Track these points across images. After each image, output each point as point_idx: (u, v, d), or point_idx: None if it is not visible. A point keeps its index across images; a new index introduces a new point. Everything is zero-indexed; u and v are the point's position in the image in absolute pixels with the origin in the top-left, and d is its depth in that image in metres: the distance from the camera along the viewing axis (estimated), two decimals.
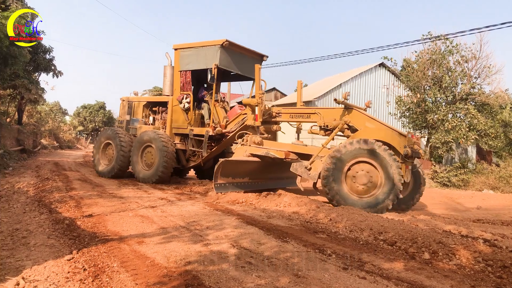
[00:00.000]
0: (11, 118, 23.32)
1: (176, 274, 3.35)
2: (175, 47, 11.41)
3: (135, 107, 12.85)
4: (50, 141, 33.80)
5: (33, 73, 23.27)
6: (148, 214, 6.05)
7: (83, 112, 59.45)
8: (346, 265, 3.81)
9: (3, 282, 3.11)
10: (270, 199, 7.67)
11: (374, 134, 7.79)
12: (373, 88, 29.06)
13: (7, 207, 6.85)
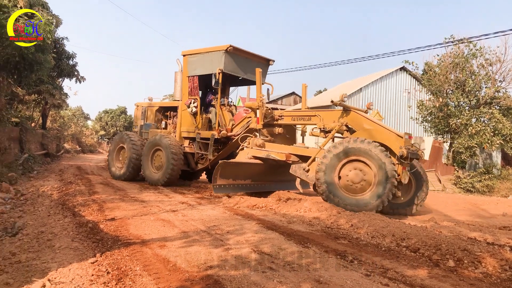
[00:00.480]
0: (36, 123, 23.87)
1: (198, 278, 3.36)
2: (184, 53, 11.71)
3: (148, 112, 13.25)
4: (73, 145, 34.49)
5: (57, 79, 23.81)
6: (169, 218, 6.09)
7: (105, 117, 60.38)
8: (368, 272, 3.76)
9: (30, 284, 3.18)
10: (290, 204, 7.65)
11: (371, 135, 7.81)
12: (394, 93, 28.73)
13: (32, 210, 7.01)
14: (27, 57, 11.58)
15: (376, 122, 8.17)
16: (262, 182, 9.80)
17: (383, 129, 7.93)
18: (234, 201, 8.05)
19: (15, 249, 4.43)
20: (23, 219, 6.28)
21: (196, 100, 11.36)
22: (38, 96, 21.92)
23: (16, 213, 6.85)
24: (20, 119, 18.15)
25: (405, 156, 7.25)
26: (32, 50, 11.45)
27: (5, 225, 5.90)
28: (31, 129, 19.41)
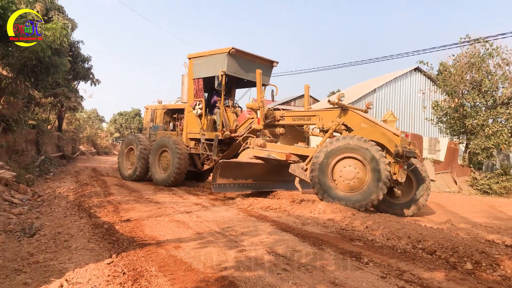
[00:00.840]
0: (52, 125, 24.21)
1: (213, 280, 3.37)
2: (189, 56, 11.92)
3: (157, 114, 13.66)
4: (88, 147, 34.89)
5: (73, 82, 24.14)
6: (184, 219, 6.12)
7: (119, 119, 61.00)
8: (384, 274, 3.73)
9: (48, 284, 3.22)
10: (304, 206, 7.62)
11: (367, 134, 7.83)
12: (408, 93, 28.47)
13: (49, 211, 7.11)
14: (43, 61, 11.76)
15: (373, 121, 8.24)
16: (263, 182, 10.00)
17: (379, 128, 7.97)
18: (248, 203, 8.06)
19: (33, 249, 4.50)
20: (40, 220, 6.38)
21: (201, 102, 11.54)
22: (54, 99, 22.26)
23: (34, 214, 6.96)
24: (36, 122, 18.43)
25: (401, 154, 7.28)
26: (49, 54, 11.62)
27: (23, 226, 6.00)
28: (47, 131, 19.68)
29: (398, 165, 7.44)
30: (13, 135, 13.66)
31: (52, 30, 11.86)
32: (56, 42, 11.92)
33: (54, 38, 11.79)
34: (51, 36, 11.72)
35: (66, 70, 14.18)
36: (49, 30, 11.81)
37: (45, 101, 22.27)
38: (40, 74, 12.38)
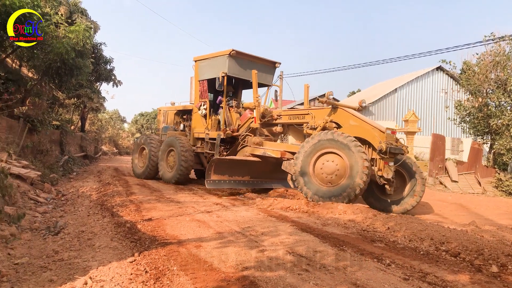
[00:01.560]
0: (75, 126, 24.66)
1: (234, 279, 3.38)
2: (195, 59, 12.34)
3: (169, 115, 14.26)
4: (110, 148, 35.42)
5: (95, 83, 24.54)
6: (204, 219, 6.16)
7: (141, 120, 61.65)
8: (406, 276, 3.68)
9: (73, 281, 3.29)
10: (324, 207, 7.57)
11: (354, 131, 8.14)
12: (430, 93, 28.05)
13: (72, 210, 7.25)
14: (67, 62, 11.99)
15: (361, 119, 8.45)
16: (261, 179, 10.42)
17: (366, 125, 8.18)
18: (268, 203, 8.06)
19: (57, 247, 4.60)
20: (64, 218, 6.51)
21: (205, 103, 11.92)
22: (78, 100, 22.68)
23: (58, 213, 7.11)
24: (60, 122, 18.79)
25: (384, 150, 7.46)
26: (73, 56, 11.85)
27: (48, 224, 6.14)
28: (70, 131, 20.06)
29: (382, 161, 7.64)
30: (38, 136, 13.97)
31: (75, 32, 12.11)
32: (80, 44, 12.16)
33: (77, 40, 12.03)
34: (74, 38, 11.97)
35: (89, 71, 14.45)
36: (72, 33, 12.06)
37: (68, 102, 22.71)
38: (64, 76, 12.62)
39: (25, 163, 10.20)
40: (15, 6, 9.57)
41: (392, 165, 7.78)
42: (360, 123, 8.34)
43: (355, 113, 8.78)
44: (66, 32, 12.11)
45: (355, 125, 8.38)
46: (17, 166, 9.38)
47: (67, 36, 11.90)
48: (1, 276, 3.57)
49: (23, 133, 12.45)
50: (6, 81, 11.00)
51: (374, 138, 7.79)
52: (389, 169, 7.70)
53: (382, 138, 7.70)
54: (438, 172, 16.43)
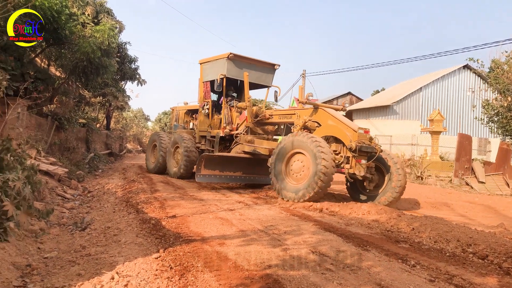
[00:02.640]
0: (101, 124, 25.11)
1: (258, 277, 3.40)
2: (200, 61, 13.01)
3: (180, 115, 15.09)
4: (134, 145, 35.97)
5: (120, 82, 24.91)
6: (227, 217, 6.20)
7: (164, 118, 62.31)
8: (432, 277, 3.63)
9: (100, 276, 3.36)
10: (347, 206, 7.53)
11: (330, 130, 8.72)
12: (456, 92, 27.48)
13: (98, 207, 7.40)
14: (93, 62, 12.22)
15: (339, 119, 8.77)
16: (253, 175, 11.00)
17: (341, 125, 8.57)
18: (290, 202, 8.05)
19: (85, 242, 4.70)
20: (90, 214, 6.65)
21: (208, 103, 12.65)
22: (103, 99, 23.07)
23: (84, 209, 7.26)
24: (86, 120, 19.18)
25: (354, 149, 7.86)
26: (99, 55, 12.07)
27: (75, 220, 6.28)
28: (96, 129, 20.44)
29: (354, 159, 8.01)
30: (65, 133, 14.29)
31: (101, 32, 12.32)
32: (105, 43, 12.36)
33: (103, 40, 12.24)
34: (100, 38, 12.18)
35: (114, 70, 14.68)
36: (98, 32, 12.28)
37: (94, 101, 23.14)
38: (90, 75, 12.87)
39: (53, 160, 10.46)
40: (44, 6, 9.83)
41: (364, 163, 8.08)
42: (337, 123, 8.72)
43: (334, 113, 9.18)
44: (92, 31, 12.33)
45: (332, 124, 8.81)
46: (46, 163, 9.63)
47: (93, 35, 12.12)
48: (32, 269, 3.68)
49: (51, 130, 12.76)
50: (35, 80, 11.27)
51: (345, 137, 8.21)
52: (361, 167, 8.03)
53: (354, 137, 8.05)
54: (464, 172, 16.10)
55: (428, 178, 16.27)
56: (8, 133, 8.35)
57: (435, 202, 9.86)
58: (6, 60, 9.79)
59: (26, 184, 5.02)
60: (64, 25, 10.98)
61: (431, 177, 16.37)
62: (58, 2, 10.25)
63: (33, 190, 5.59)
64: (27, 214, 4.53)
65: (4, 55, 9.97)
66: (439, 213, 8.16)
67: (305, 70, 29.26)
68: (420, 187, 13.69)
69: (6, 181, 4.61)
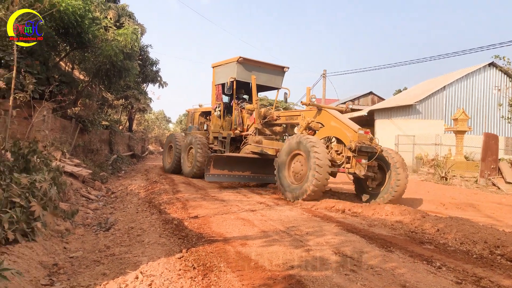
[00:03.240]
0: (123, 126, 25.48)
1: (280, 278, 3.38)
2: (212, 65, 13.47)
3: (195, 116, 15.53)
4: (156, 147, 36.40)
5: (142, 84, 25.24)
6: (249, 218, 6.20)
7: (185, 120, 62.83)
8: (459, 280, 3.55)
9: (125, 275, 3.40)
10: (370, 207, 7.45)
11: (332, 131, 9.05)
12: (481, 90, 26.85)
13: (122, 207, 7.50)
14: (116, 65, 12.40)
15: (341, 120, 8.91)
16: (260, 174, 11.27)
17: (343, 126, 8.77)
18: (312, 203, 8.00)
19: (109, 242, 4.77)
20: (114, 215, 6.75)
21: (220, 105, 12.98)
22: (125, 101, 23.42)
23: (108, 210, 7.38)
24: (109, 123, 19.47)
25: (354, 149, 8.04)
26: (121, 58, 12.25)
27: (99, 221, 6.38)
28: (119, 131, 20.74)
29: (354, 159, 8.18)
30: (88, 135, 14.55)
31: (123, 35, 12.50)
32: (128, 46, 12.54)
33: (125, 43, 12.41)
34: (123, 41, 12.35)
35: (136, 73, 14.89)
36: (121, 36, 12.45)
37: (117, 103, 23.50)
38: (113, 78, 13.06)
39: (77, 162, 10.66)
40: (69, 11, 10.03)
41: (364, 162, 8.25)
42: (339, 124, 8.89)
43: (337, 114, 9.29)
44: (115, 35, 12.52)
45: (334, 125, 9.02)
46: (70, 164, 9.82)
47: (116, 39, 12.31)
48: (58, 269, 3.76)
49: (75, 132, 13.00)
50: (60, 84, 11.50)
51: (346, 137, 8.47)
52: (361, 166, 8.21)
53: (354, 138, 8.23)
54: (491, 173, 15.71)
55: (453, 178, 15.94)
56: (34, 135, 8.56)
57: (460, 203, 9.65)
58: (32, 64, 10.02)
59: (52, 185, 5.13)
60: (87, 29, 11.18)
61: (456, 178, 16.03)
62: (81, 6, 10.43)
63: (58, 191, 5.70)
64: (53, 214, 4.62)
65: (30, 59, 10.21)
66: (464, 214, 7.97)
67: (326, 70, 29.11)
68: (445, 188, 13.43)
69: (33, 182, 4.71)
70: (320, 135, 9.19)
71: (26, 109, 8.82)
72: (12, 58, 9.28)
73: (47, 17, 9.84)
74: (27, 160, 5.48)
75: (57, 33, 10.93)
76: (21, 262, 3.53)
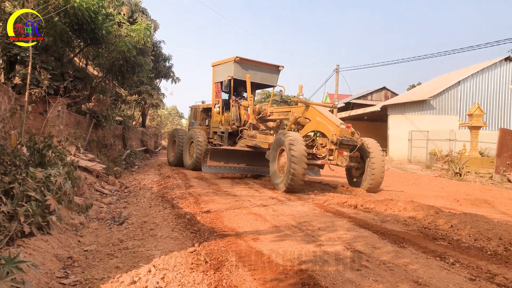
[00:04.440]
0: (136, 121, 25.66)
1: (292, 272, 3.39)
2: (212, 64, 14.24)
3: (197, 113, 16.15)
4: None
5: (155, 80, 25.39)
6: (261, 212, 6.21)
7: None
8: (473, 276, 3.51)
9: (138, 269, 3.44)
10: (383, 203, 7.39)
11: (315, 125, 9.83)
12: (497, 85, 26.44)
13: (135, 202, 7.57)
14: (129, 60, 12.50)
15: (326, 116, 9.62)
16: (254, 166, 11.89)
17: (327, 121, 9.46)
18: (324, 198, 7.99)
19: (122, 236, 4.83)
20: (127, 209, 6.82)
21: (219, 102, 13.79)
22: (138, 97, 23.57)
23: (122, 204, 7.46)
24: (123, 118, 19.65)
25: (335, 142, 8.86)
26: (134, 54, 12.34)
27: (113, 215, 6.46)
28: (132, 127, 20.92)
29: (337, 151, 8.97)
30: (102, 130, 14.70)
31: (136, 31, 12.59)
32: (141, 42, 12.63)
33: (138, 39, 12.50)
34: (136, 37, 12.44)
35: (149, 69, 15.02)
36: (134, 31, 12.55)
37: (130, 99, 23.66)
38: (126, 73, 13.18)
39: (91, 157, 10.78)
40: (83, 7, 10.11)
41: (346, 154, 9.05)
42: (324, 119, 9.59)
43: (322, 110, 10.04)
44: (128, 31, 12.62)
45: (319, 121, 9.70)
46: (84, 159, 9.94)
47: (129, 34, 12.40)
48: (73, 262, 3.82)
49: (89, 128, 13.15)
50: (74, 79, 11.64)
51: (328, 131, 9.19)
52: (343, 158, 9.04)
53: (337, 132, 8.97)
54: (506, 169, 15.49)
55: (467, 174, 15.77)
56: (49, 130, 8.67)
57: (475, 199, 9.53)
58: (47, 60, 10.15)
59: (67, 179, 5.19)
60: (101, 25, 11.27)
61: (470, 174, 15.86)
62: (95, 2, 10.52)
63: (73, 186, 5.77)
64: (68, 208, 4.68)
65: (45, 55, 10.33)
66: (479, 211, 7.88)
67: (339, 65, 28.92)
68: (459, 184, 13.29)
69: (48, 176, 4.78)
70: (306, 129, 10.12)
71: (41, 105, 8.95)
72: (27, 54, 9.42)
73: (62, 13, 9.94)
74: (42, 154, 5.56)
75: (71, 29, 11.04)
76: (37, 255, 3.60)
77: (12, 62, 10.62)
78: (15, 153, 5.07)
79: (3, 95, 5.99)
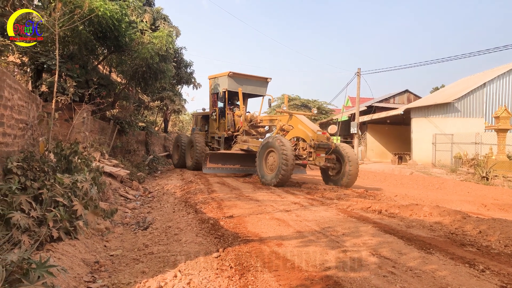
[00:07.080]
0: (159, 127, 25.96)
1: (317, 278, 3.36)
2: (209, 77, 16.23)
3: (198, 119, 17.83)
4: None
5: (176, 86, 25.63)
6: (284, 218, 6.18)
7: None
8: (504, 283, 3.42)
9: (163, 273, 3.47)
10: (408, 208, 7.27)
11: (297, 132, 11.57)
12: None
13: (159, 207, 7.64)
14: (152, 67, 12.67)
15: (306, 124, 11.38)
16: (247, 167, 13.54)
17: (306, 128, 11.25)
18: (347, 203, 7.90)
19: (147, 241, 4.88)
20: (151, 214, 6.89)
21: (215, 110, 15.70)
22: (161, 103, 23.85)
23: (146, 209, 7.54)
24: (146, 124, 19.89)
25: (313, 146, 10.67)
26: (157, 60, 12.49)
27: (137, 220, 6.53)
28: (155, 132, 21.16)
29: (315, 153, 10.77)
30: (126, 136, 14.93)
31: (159, 38, 12.74)
32: (163, 49, 12.77)
33: (161, 46, 12.64)
34: (158, 44, 12.59)
35: (171, 75, 15.15)
36: (156, 38, 12.70)
37: (152, 105, 23.96)
38: (149, 80, 13.35)
39: (115, 162, 10.95)
40: (106, 16, 10.31)
41: (323, 156, 10.91)
42: (304, 127, 11.32)
43: (303, 119, 11.80)
44: (150, 38, 12.78)
45: (300, 128, 11.44)
46: (109, 165, 10.09)
47: (152, 41, 12.56)
48: (100, 266, 3.87)
49: (113, 134, 13.37)
50: (98, 86, 11.85)
51: (308, 137, 10.97)
52: (320, 159, 10.88)
53: (314, 137, 10.77)
54: None
55: (495, 178, 15.38)
56: (75, 136, 8.84)
57: (504, 204, 9.30)
58: (73, 68, 10.37)
59: (93, 185, 5.29)
60: (124, 32, 11.46)
61: (498, 178, 15.46)
62: (118, 11, 10.71)
63: (98, 191, 5.88)
64: (94, 213, 4.76)
65: (71, 63, 10.56)
66: (508, 216, 7.68)
67: (360, 68, 28.69)
68: (486, 188, 12.98)
69: (75, 182, 4.88)
70: (290, 135, 11.78)
71: (67, 112, 9.14)
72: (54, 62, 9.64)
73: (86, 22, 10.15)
74: (69, 161, 5.68)
75: (95, 37, 11.26)
76: (65, 259, 3.66)
77: (39, 71, 10.89)
78: (43, 159, 5.19)
79: (31, 102, 6.15)
